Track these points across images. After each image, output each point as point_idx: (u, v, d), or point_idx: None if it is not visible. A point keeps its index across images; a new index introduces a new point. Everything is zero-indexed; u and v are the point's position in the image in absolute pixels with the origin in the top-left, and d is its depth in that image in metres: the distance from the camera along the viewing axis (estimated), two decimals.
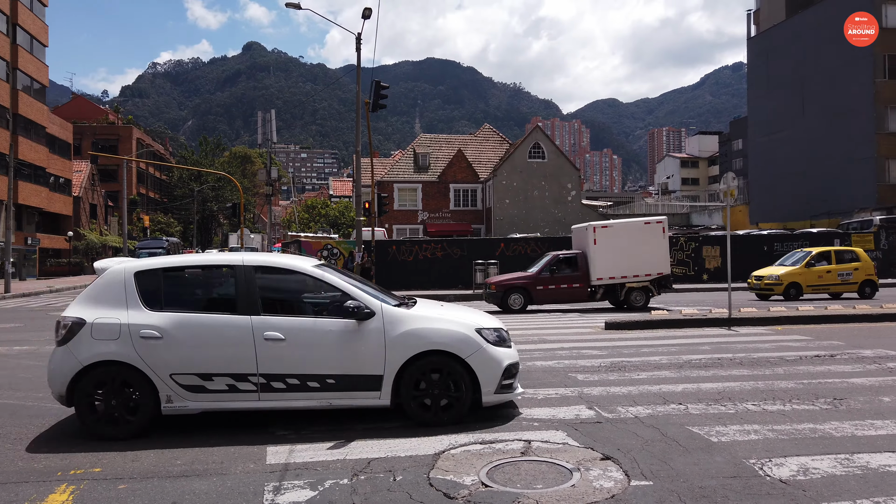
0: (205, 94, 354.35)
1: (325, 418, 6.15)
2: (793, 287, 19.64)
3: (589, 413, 6.23)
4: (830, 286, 19.84)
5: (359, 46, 25.43)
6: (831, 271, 19.84)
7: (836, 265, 19.98)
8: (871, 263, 20.47)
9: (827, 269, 19.82)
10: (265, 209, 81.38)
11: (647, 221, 18.20)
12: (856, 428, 5.62)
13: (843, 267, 20.03)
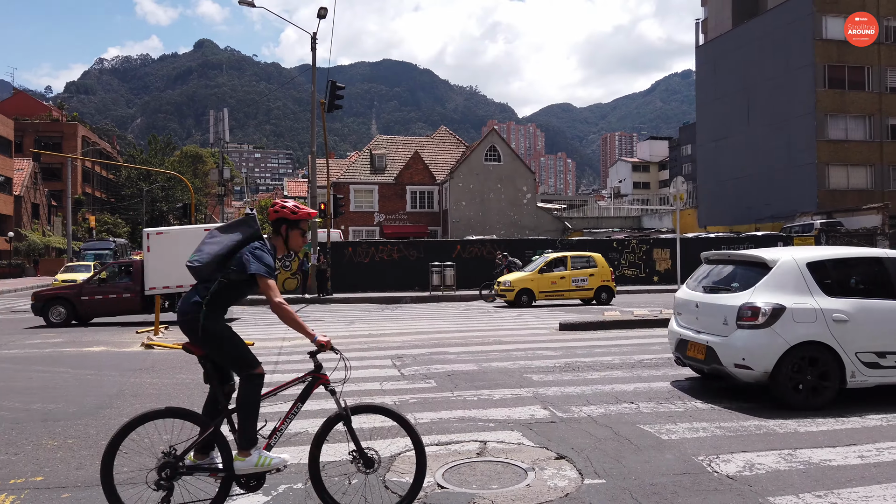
0: (154, 91, 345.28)
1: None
2: (524, 293, 19.64)
3: (544, 413, 6.30)
4: (565, 292, 19.92)
5: (314, 46, 25.20)
6: (565, 277, 19.92)
7: (570, 271, 20.00)
8: (608, 269, 20.48)
9: (561, 276, 19.92)
10: (218, 210, 79.74)
11: (207, 228, 16.10)
12: (798, 425, 5.83)
13: (578, 273, 20.05)
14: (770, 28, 42.04)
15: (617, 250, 29.31)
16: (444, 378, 8.10)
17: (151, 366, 9.34)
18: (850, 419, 6.00)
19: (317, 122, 25.39)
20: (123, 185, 76.98)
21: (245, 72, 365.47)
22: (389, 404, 5.93)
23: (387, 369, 8.80)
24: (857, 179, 39.19)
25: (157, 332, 12.73)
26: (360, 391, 7.39)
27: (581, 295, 20.13)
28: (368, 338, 12.36)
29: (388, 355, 9.97)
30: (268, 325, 15.34)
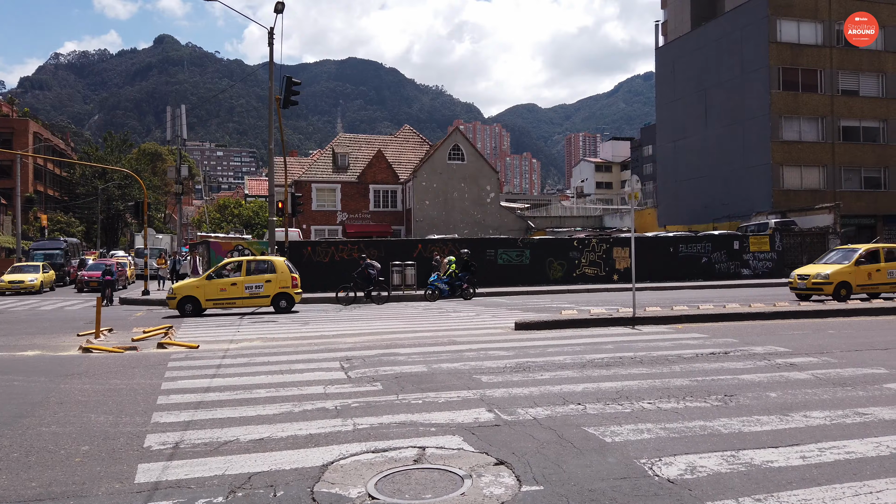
0: (113, 87, 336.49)
1: (211, 428, 5.76)
2: (189, 301, 17.99)
3: (488, 416, 6.12)
4: (237, 300, 18.29)
5: (271, 41, 24.71)
6: (238, 284, 18.25)
7: (247, 276, 18.44)
8: (288, 276, 18.87)
9: (232, 282, 18.27)
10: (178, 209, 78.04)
11: None
12: (743, 424, 5.76)
13: (254, 279, 18.47)
14: (727, 30, 42.81)
15: (577, 249, 29.44)
16: (391, 380, 7.88)
17: (86, 371, 8.91)
18: (795, 417, 5.97)
19: (274, 119, 24.88)
20: (78, 183, 74.71)
21: (207, 68, 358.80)
22: None
23: (334, 372, 8.53)
24: (809, 180, 40.14)
25: (97, 334, 12.22)
26: (302, 395, 7.12)
27: (258, 303, 18.67)
28: (320, 339, 12.05)
29: (337, 357, 9.69)
30: (218, 328, 14.91)
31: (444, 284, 23.29)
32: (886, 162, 41.08)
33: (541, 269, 28.87)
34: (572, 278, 28.97)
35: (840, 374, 7.87)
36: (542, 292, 25.28)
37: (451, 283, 23.29)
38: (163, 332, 12.62)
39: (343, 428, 5.76)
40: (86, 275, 31.08)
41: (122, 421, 6.14)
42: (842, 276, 18.35)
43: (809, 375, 7.85)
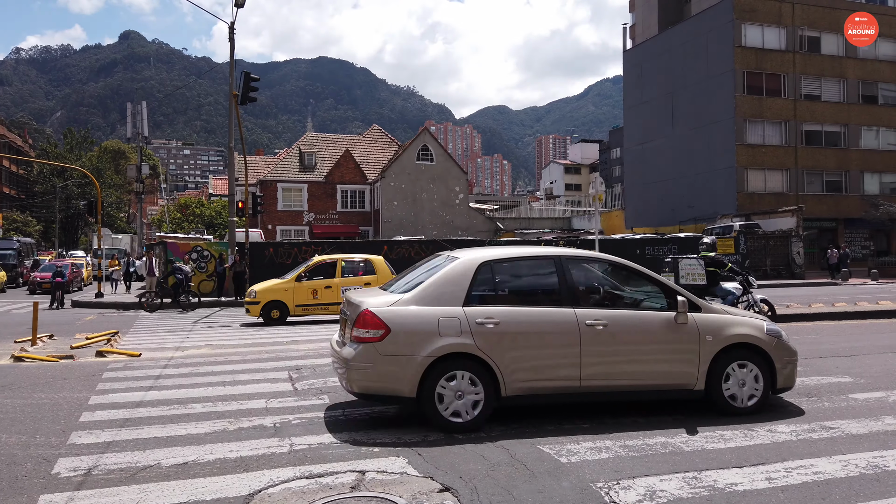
0: (76, 83, 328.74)
1: (132, 450, 5.25)
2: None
3: (438, 434, 5.71)
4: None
5: (232, 36, 24.01)
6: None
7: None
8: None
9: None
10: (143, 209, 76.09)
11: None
12: (706, 441, 5.45)
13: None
14: (693, 34, 43.16)
15: None
16: (339, 393, 7.41)
17: (11, 383, 8.26)
18: (760, 432, 5.67)
19: (234, 117, 24.16)
20: (35, 181, 72.44)
21: (174, 65, 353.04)
22: None
23: (280, 383, 8.04)
24: (773, 183, 40.64)
25: (34, 341, 11.50)
26: (240, 411, 6.62)
27: None
28: (272, 346, 11.51)
29: (286, 366, 9.19)
30: (167, 333, 14.25)
31: None
32: (847, 166, 41.81)
33: None
34: None
35: (805, 384, 7.63)
36: None
37: None
38: (105, 338, 11.95)
39: (278, 449, 5.29)
40: (38, 276, 29.89)
41: (36, 442, 5.59)
42: (274, 295, 16.12)
43: None
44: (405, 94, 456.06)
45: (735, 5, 39.83)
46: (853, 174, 41.95)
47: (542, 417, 6.20)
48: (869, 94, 42.60)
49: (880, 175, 42.67)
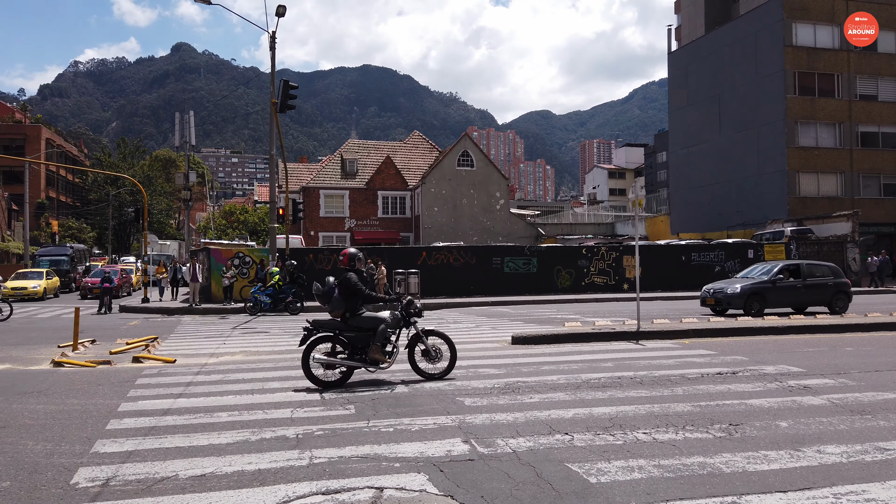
0: (130, 95, 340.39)
1: (152, 460, 5.20)
2: None
3: (463, 448, 5.50)
4: None
5: (273, 45, 24.34)
6: None
7: None
8: None
9: None
10: (193, 215, 77.95)
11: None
12: (748, 461, 5.10)
13: None
14: (741, 35, 41.96)
15: (586, 257, 28.72)
16: (366, 403, 7.28)
17: (47, 388, 8.39)
18: (807, 453, 5.29)
19: (274, 124, 24.47)
20: (90, 189, 75.06)
21: (223, 76, 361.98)
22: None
23: (308, 393, 7.94)
24: (827, 187, 39.09)
25: (75, 346, 11.74)
26: (265, 420, 6.54)
27: None
28: None
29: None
30: (206, 339, 14.40)
31: (267, 297, 21.34)
32: None
33: (548, 278, 28.17)
34: (581, 287, 28.24)
35: (858, 400, 7.16)
36: (549, 301, 24.58)
37: (275, 295, 21.46)
38: (144, 344, 12.12)
39: (298, 462, 5.17)
40: (89, 282, 30.83)
41: (60, 450, 5.60)
42: None
43: (824, 401, 7.15)
44: (448, 100, 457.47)
45: (785, 4, 38.56)
46: None
47: (574, 433, 5.93)
48: None
49: None
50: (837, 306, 17.88)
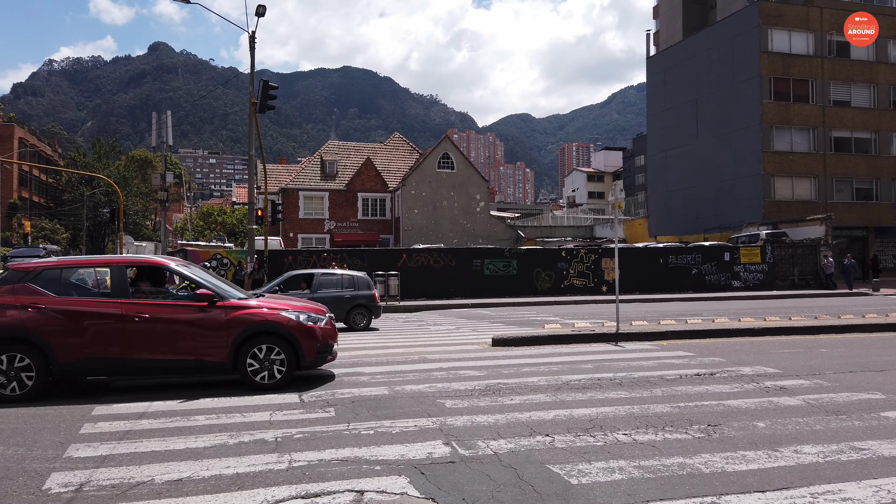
0: (106, 94, 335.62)
1: (127, 464, 5.10)
2: None
3: (444, 451, 5.48)
4: None
5: (252, 45, 24.12)
6: None
7: None
8: None
9: None
10: (169, 216, 76.94)
11: None
12: (727, 462, 5.14)
13: None
14: (718, 40, 42.53)
15: (566, 260, 28.87)
16: (346, 405, 7.22)
17: None
18: (785, 453, 5.34)
19: (253, 125, 24.25)
20: (64, 189, 73.78)
21: (201, 76, 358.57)
22: None
23: (287, 394, 7.86)
24: (801, 190, 39.75)
25: None
26: (244, 423, 6.45)
27: None
28: None
29: (295, 377, 9.02)
30: None
31: None
32: (878, 173, 40.77)
33: (528, 280, 28.27)
34: (560, 289, 28.38)
35: (834, 400, 7.26)
36: (529, 304, 24.67)
37: None
38: None
39: (277, 466, 5.10)
40: None
41: (32, 455, 5.47)
42: None
43: (801, 401, 7.24)
44: (428, 102, 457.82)
45: (762, 10, 39.17)
46: (884, 181, 40.88)
47: (555, 434, 5.93)
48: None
49: None
50: (356, 322, 16.57)
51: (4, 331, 7.58)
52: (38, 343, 7.56)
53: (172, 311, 8.03)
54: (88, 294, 8.22)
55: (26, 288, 7.83)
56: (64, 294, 7.93)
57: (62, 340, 7.65)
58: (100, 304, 7.94)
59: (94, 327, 7.80)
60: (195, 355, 8.00)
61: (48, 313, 7.71)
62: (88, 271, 8.81)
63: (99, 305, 7.92)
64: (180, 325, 7.96)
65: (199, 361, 8.04)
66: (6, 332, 7.58)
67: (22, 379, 7.53)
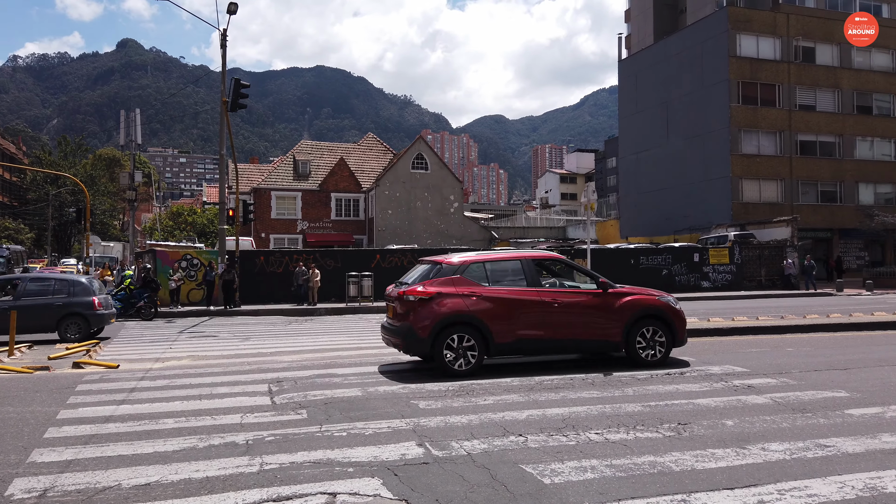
0: (73, 91, 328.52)
1: (93, 469, 4.98)
2: None
3: (417, 452, 5.46)
4: None
5: (224, 43, 23.86)
6: None
7: None
8: None
9: None
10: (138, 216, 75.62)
11: None
12: (696, 460, 5.21)
13: None
14: (688, 44, 43.18)
15: None
16: (318, 407, 7.17)
17: None
18: (753, 451, 5.44)
19: (225, 124, 23.95)
20: (28, 188, 72.10)
21: (171, 73, 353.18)
22: None
23: (259, 397, 7.78)
24: (768, 193, 40.55)
25: (11, 352, 11.21)
26: (214, 426, 6.36)
27: None
28: (256, 357, 11.24)
29: (267, 379, 8.93)
30: (151, 343, 13.97)
31: (118, 301, 20.15)
32: (842, 176, 41.77)
33: None
34: None
35: (800, 399, 7.41)
36: None
37: (126, 300, 20.69)
38: (85, 349, 11.66)
39: (248, 469, 5.04)
40: None
41: None
42: None
43: (768, 399, 7.37)
44: (402, 103, 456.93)
45: (730, 15, 39.88)
46: (848, 184, 41.90)
47: (528, 434, 5.96)
48: (863, 104, 42.63)
49: (875, 185, 42.63)
50: (69, 333, 14.51)
51: (453, 315, 8.66)
52: (479, 326, 8.73)
53: (577, 298, 9.29)
54: (511, 284, 9.19)
55: (461, 280, 8.99)
56: (492, 284, 9.08)
57: (498, 324, 8.79)
58: (523, 293, 9.04)
59: (523, 313, 8.93)
60: (600, 336, 9.27)
61: (485, 301, 8.84)
62: (504, 264, 9.57)
63: (523, 294, 9.03)
64: (587, 309, 9.22)
65: (603, 342, 9.34)
66: (455, 316, 8.67)
67: (467, 356, 8.72)
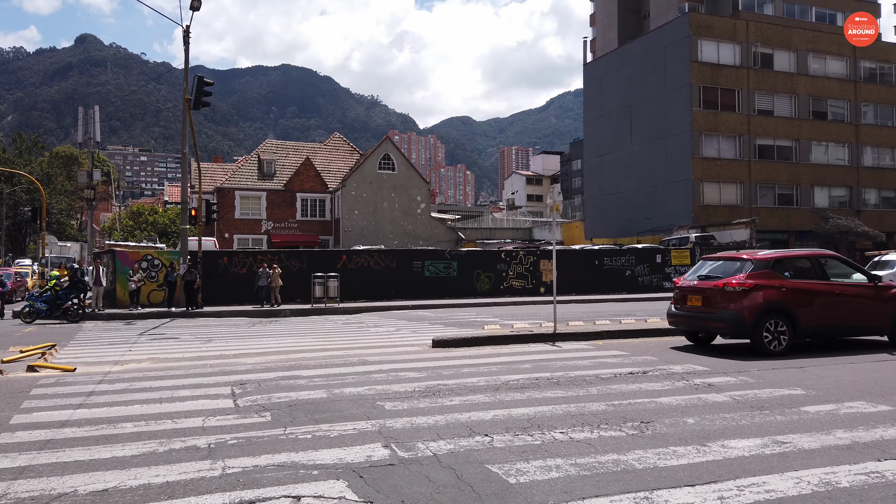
0: (29, 87, 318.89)
1: (48, 475, 4.83)
2: None
3: (383, 453, 5.43)
4: None
5: (187, 40, 23.41)
6: None
7: None
8: None
9: None
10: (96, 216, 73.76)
11: None
12: (658, 457, 5.29)
13: None
14: (651, 49, 43.95)
15: (505, 261, 29.19)
16: (283, 410, 7.08)
17: None
18: (713, 448, 5.55)
19: (188, 122, 23.52)
20: None
21: (132, 70, 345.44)
22: None
23: (221, 399, 7.65)
24: (728, 195, 41.51)
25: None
26: (174, 430, 6.23)
27: None
28: (219, 359, 11.06)
29: (230, 381, 8.79)
30: (109, 345, 13.63)
31: (43, 303, 19.82)
32: (798, 180, 42.98)
33: (468, 282, 28.44)
34: (500, 290, 28.68)
35: (758, 396, 7.59)
36: (469, 305, 24.81)
37: (52, 301, 20.07)
38: (40, 352, 11.32)
39: (209, 473, 4.95)
40: None
41: None
42: None
43: (727, 398, 7.53)
44: (369, 103, 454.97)
45: (692, 21, 40.71)
46: (804, 188, 43.13)
47: (494, 434, 5.97)
48: (819, 109, 43.94)
49: (829, 189, 43.97)
50: None
51: (771, 304, 10.35)
52: (789, 313, 10.40)
53: (857, 290, 10.91)
54: (808, 277, 10.83)
55: (772, 273, 10.62)
56: (794, 277, 10.72)
57: (803, 311, 10.45)
58: (819, 286, 10.72)
59: (820, 302, 10.58)
60: (873, 322, 10.99)
61: (792, 292, 10.50)
62: (797, 261, 11.19)
63: (819, 286, 10.70)
64: (864, 299, 10.87)
65: (874, 326, 11.05)
66: (772, 304, 10.35)
67: (780, 339, 10.38)
